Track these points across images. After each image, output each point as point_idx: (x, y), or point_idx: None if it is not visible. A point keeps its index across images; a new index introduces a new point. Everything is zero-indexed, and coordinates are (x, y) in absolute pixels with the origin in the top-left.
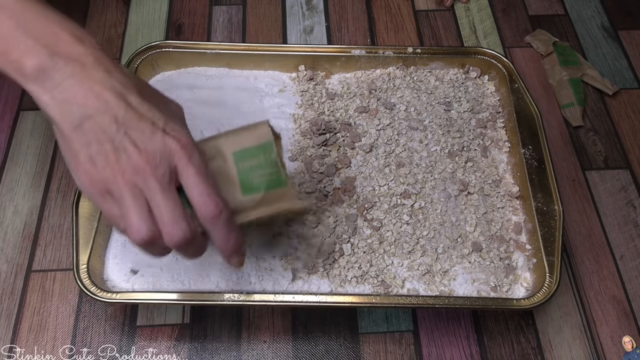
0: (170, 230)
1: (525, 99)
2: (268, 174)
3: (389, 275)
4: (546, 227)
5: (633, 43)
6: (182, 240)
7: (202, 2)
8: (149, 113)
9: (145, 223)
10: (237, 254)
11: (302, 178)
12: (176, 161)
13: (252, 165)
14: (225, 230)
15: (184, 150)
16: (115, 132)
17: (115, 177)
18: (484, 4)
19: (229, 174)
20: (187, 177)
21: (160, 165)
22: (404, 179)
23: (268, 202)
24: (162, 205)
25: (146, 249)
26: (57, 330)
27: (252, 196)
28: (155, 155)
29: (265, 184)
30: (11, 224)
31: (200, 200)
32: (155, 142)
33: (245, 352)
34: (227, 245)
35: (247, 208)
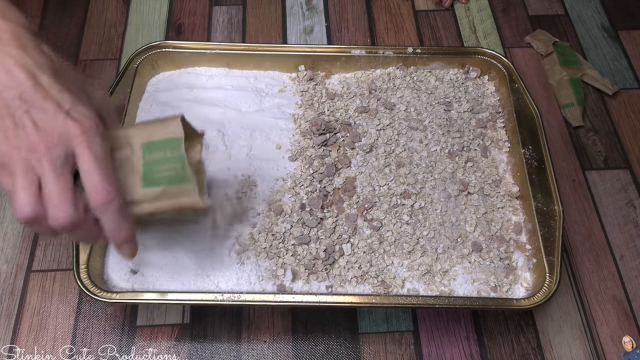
0: (55, 212)
1: (525, 99)
2: (172, 169)
3: (389, 275)
4: (546, 227)
5: (633, 43)
6: (66, 223)
7: (202, 2)
8: (57, 94)
9: (31, 202)
10: (128, 244)
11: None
12: (74, 145)
13: (158, 159)
14: (116, 219)
15: (85, 135)
16: (17, 108)
17: (11, 152)
18: (484, 4)
19: (134, 165)
20: (83, 163)
21: (56, 147)
22: (404, 179)
23: (167, 196)
24: (51, 186)
25: (31, 227)
26: (57, 330)
27: (151, 189)
28: (53, 136)
29: (167, 179)
30: (11, 224)
31: (92, 186)
32: (56, 124)
33: (245, 352)
34: (117, 234)
35: (144, 200)
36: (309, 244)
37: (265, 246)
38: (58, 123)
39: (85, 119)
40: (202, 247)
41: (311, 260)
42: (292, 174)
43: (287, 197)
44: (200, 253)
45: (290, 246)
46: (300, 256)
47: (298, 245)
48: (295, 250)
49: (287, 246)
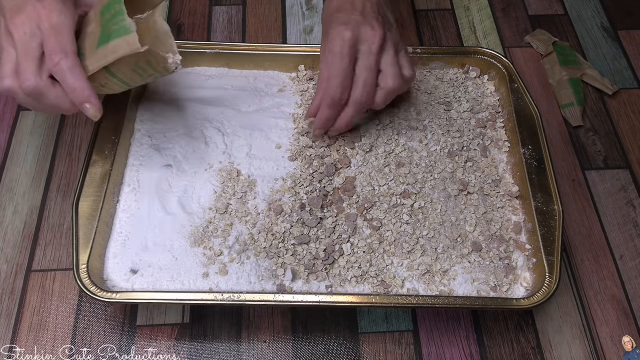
0: (22, 81)
1: (525, 99)
2: (117, 24)
3: (389, 275)
4: (546, 227)
5: (633, 43)
6: (30, 88)
7: (202, 2)
8: None
9: (9, 73)
10: (89, 104)
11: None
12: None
13: (109, 18)
14: (70, 78)
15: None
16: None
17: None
18: (484, 4)
19: (95, 33)
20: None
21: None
22: (404, 179)
23: (112, 50)
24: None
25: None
26: (57, 330)
27: (102, 47)
28: (25, 21)
29: (115, 34)
30: (11, 224)
31: (47, 52)
32: (28, 7)
33: (245, 352)
34: (74, 93)
35: (100, 59)
36: (309, 244)
37: (265, 246)
38: (29, 7)
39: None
40: None
41: (311, 260)
42: (292, 174)
43: (287, 197)
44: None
45: (290, 246)
46: (300, 256)
47: (298, 245)
48: (295, 250)
49: (287, 246)
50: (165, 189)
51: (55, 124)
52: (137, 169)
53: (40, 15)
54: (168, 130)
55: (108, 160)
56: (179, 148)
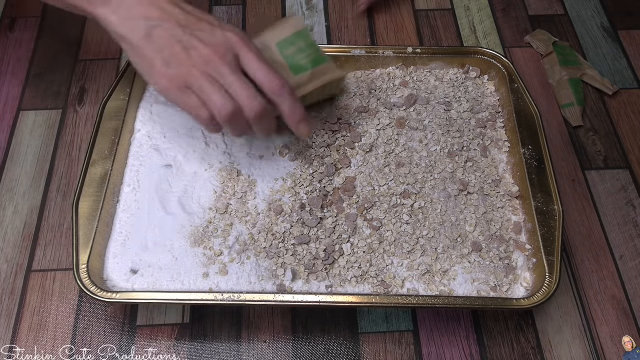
0: (250, 104)
1: (525, 99)
2: (310, 55)
3: (389, 275)
4: (546, 227)
5: (633, 43)
6: (260, 111)
7: (202, 2)
8: (203, 16)
9: (228, 100)
10: (304, 122)
11: (302, 178)
12: (238, 50)
13: (295, 50)
14: (292, 100)
15: (243, 41)
16: (182, 34)
17: (191, 71)
18: (484, 4)
19: (278, 61)
20: (250, 62)
21: (226, 54)
22: (404, 179)
23: (317, 76)
24: (236, 85)
25: (232, 125)
26: (57, 330)
27: (303, 74)
28: (221, 47)
29: (311, 63)
30: (11, 224)
31: (266, 78)
32: (217, 37)
33: (245, 352)
34: (295, 113)
35: (302, 84)
36: (309, 243)
37: (265, 246)
38: (219, 36)
39: (236, 29)
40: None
41: (311, 260)
42: (292, 174)
43: (287, 197)
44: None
45: (290, 246)
46: (300, 256)
47: (298, 245)
48: (295, 250)
49: (287, 246)
50: (165, 189)
51: (55, 124)
52: (137, 169)
53: (232, 41)
54: (168, 130)
55: (108, 160)
56: (179, 148)
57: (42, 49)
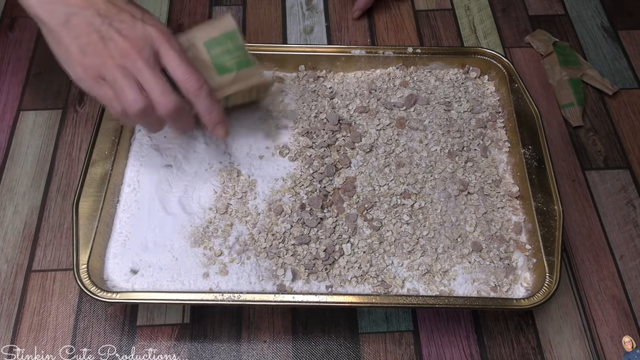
0: (162, 100)
1: (525, 99)
2: (238, 57)
3: (389, 275)
4: (546, 227)
5: (633, 43)
6: (173, 108)
7: (202, 2)
8: (127, 7)
9: (140, 95)
10: (221, 124)
11: (302, 178)
12: (158, 45)
13: (222, 51)
14: (209, 101)
15: (164, 37)
16: (100, 24)
17: (106, 62)
18: (484, 4)
19: (203, 60)
20: (169, 59)
21: (144, 49)
22: (404, 179)
23: (241, 79)
24: (151, 81)
25: (143, 121)
26: (57, 330)
27: (226, 76)
28: (139, 40)
29: (236, 65)
30: (11, 224)
31: (183, 76)
32: (137, 30)
33: (245, 352)
34: (211, 114)
35: (224, 85)
36: (309, 244)
37: (265, 246)
38: (139, 29)
39: (159, 24)
40: None
41: (311, 260)
42: (292, 174)
43: (287, 197)
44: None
45: (290, 246)
46: (300, 256)
47: (298, 245)
48: (295, 250)
49: (287, 246)
50: (165, 189)
51: (55, 124)
52: (137, 169)
53: (153, 36)
54: (168, 131)
55: (108, 160)
56: (179, 148)
57: (42, 49)
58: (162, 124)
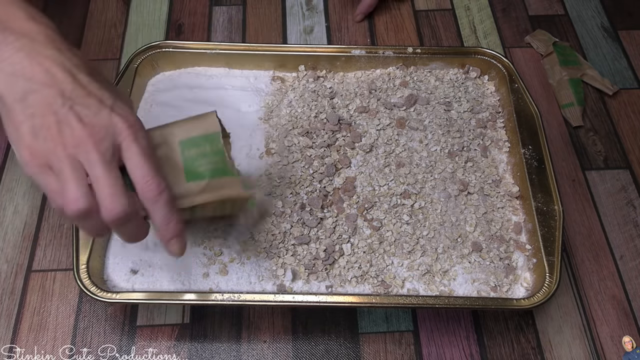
0: (109, 204)
1: (525, 99)
2: (213, 163)
3: (389, 275)
4: (546, 227)
5: (633, 43)
6: (120, 215)
7: (202, 2)
8: (97, 91)
9: (83, 194)
10: (177, 239)
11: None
12: (121, 139)
13: (198, 154)
14: (166, 211)
15: (131, 130)
16: (60, 105)
17: (56, 149)
18: (484, 4)
19: (174, 161)
20: (131, 156)
21: (103, 140)
22: (404, 179)
23: (212, 188)
24: (102, 179)
25: (83, 223)
26: (57, 330)
27: (196, 183)
28: (100, 130)
29: (209, 172)
30: (11, 224)
31: (142, 179)
32: (102, 118)
33: (245, 352)
34: (167, 227)
35: (191, 194)
36: (309, 244)
37: (265, 246)
38: (103, 118)
39: (129, 115)
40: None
41: (311, 260)
42: (292, 174)
43: (287, 197)
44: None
45: (290, 246)
46: (300, 256)
47: (298, 245)
48: (295, 250)
49: (287, 246)
50: None
51: None
52: None
53: (117, 127)
54: None
55: None
56: None
57: None
58: (107, 230)
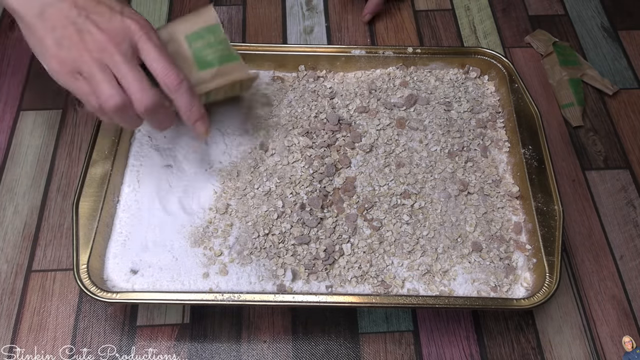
0: (140, 96)
1: (525, 99)
2: (220, 51)
3: (389, 275)
4: (546, 227)
5: (633, 43)
6: (151, 105)
7: (202, 1)
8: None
9: (117, 91)
10: (202, 121)
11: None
12: (136, 39)
13: (204, 45)
14: (188, 97)
15: (143, 30)
16: (76, 15)
17: (82, 55)
18: (484, 4)
19: (184, 54)
20: (148, 53)
21: (122, 42)
22: (404, 179)
23: (223, 73)
24: (129, 76)
25: (120, 117)
26: (57, 330)
27: (208, 70)
28: (117, 34)
29: (218, 59)
30: (11, 224)
31: (162, 72)
32: (115, 23)
33: (245, 352)
34: (191, 110)
35: (205, 80)
36: (309, 244)
37: (265, 246)
38: (117, 22)
39: (138, 17)
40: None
41: (311, 260)
42: (292, 174)
43: (287, 197)
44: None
45: (290, 246)
46: (300, 256)
47: (298, 245)
48: (295, 250)
49: (287, 246)
50: (165, 189)
51: (55, 124)
52: (137, 169)
53: (131, 29)
54: (168, 130)
55: (108, 160)
56: (179, 148)
57: None
58: (140, 121)
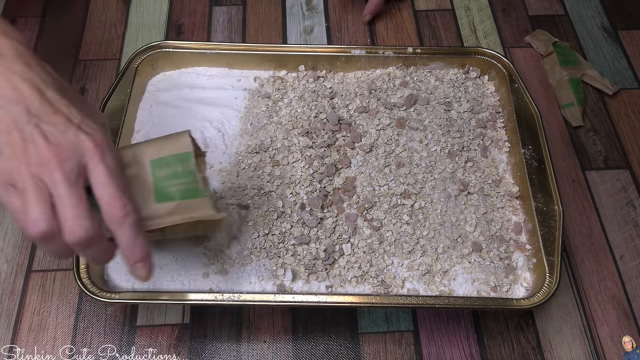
0: (72, 226)
1: (525, 99)
2: (184, 184)
3: (389, 275)
4: (546, 227)
5: (633, 43)
6: (83, 238)
7: (202, 2)
8: (65, 109)
9: (45, 215)
10: (143, 263)
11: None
12: (87, 159)
13: (168, 174)
14: (131, 234)
15: (97, 149)
16: (25, 122)
17: (20, 167)
18: (484, 4)
19: (144, 181)
20: (97, 176)
21: (68, 160)
22: (404, 179)
23: (182, 210)
24: (65, 200)
25: (45, 245)
26: (57, 330)
27: (166, 204)
28: (65, 149)
29: (180, 193)
30: (11, 224)
31: (107, 200)
32: (67, 137)
33: (245, 352)
34: (132, 250)
35: (160, 215)
36: (309, 244)
37: (265, 246)
38: (69, 136)
39: (97, 133)
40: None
41: (311, 260)
42: (292, 173)
43: (287, 196)
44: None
45: (290, 246)
46: (300, 256)
47: (298, 245)
48: (295, 250)
49: (287, 246)
50: None
51: None
52: None
53: (84, 146)
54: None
55: None
56: None
57: (42, 49)
58: (71, 252)
